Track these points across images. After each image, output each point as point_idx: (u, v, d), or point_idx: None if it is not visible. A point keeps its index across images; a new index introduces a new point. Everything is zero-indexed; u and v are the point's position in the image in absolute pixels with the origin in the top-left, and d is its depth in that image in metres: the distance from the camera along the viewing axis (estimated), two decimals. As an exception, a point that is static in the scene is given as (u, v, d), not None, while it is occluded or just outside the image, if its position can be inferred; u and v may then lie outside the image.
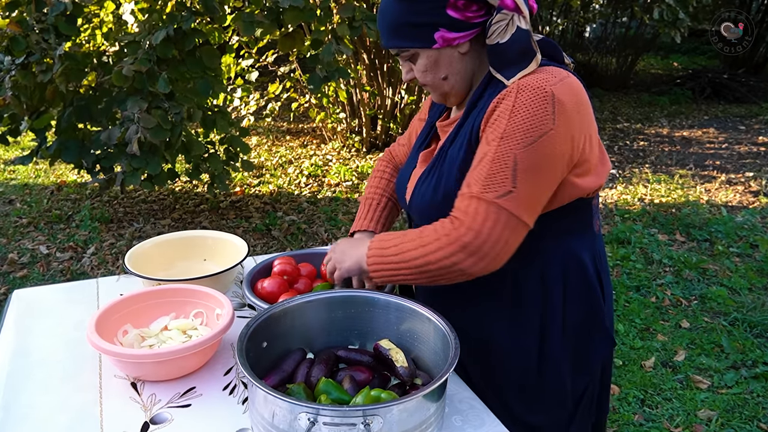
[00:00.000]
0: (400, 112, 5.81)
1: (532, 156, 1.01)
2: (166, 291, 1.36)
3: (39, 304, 1.51)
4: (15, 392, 1.17)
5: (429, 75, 1.14)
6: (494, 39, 1.07)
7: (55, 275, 3.52)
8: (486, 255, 1.03)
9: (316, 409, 0.89)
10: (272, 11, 3.45)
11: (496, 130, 1.04)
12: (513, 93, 1.04)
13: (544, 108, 1.01)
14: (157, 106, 3.45)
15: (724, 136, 6.89)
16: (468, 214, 1.03)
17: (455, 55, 1.11)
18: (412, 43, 1.10)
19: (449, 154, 1.15)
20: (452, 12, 1.06)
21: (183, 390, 1.17)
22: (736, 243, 4.01)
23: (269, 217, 4.34)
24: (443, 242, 1.05)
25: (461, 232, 1.03)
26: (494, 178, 1.02)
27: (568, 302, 1.18)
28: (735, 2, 9.08)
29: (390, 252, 1.11)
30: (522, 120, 1.02)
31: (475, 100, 1.14)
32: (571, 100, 1.04)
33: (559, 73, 1.06)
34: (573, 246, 1.16)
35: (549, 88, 1.02)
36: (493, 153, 1.03)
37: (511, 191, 1.01)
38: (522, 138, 1.01)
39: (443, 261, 1.05)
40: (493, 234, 1.02)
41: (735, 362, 2.75)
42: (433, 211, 1.15)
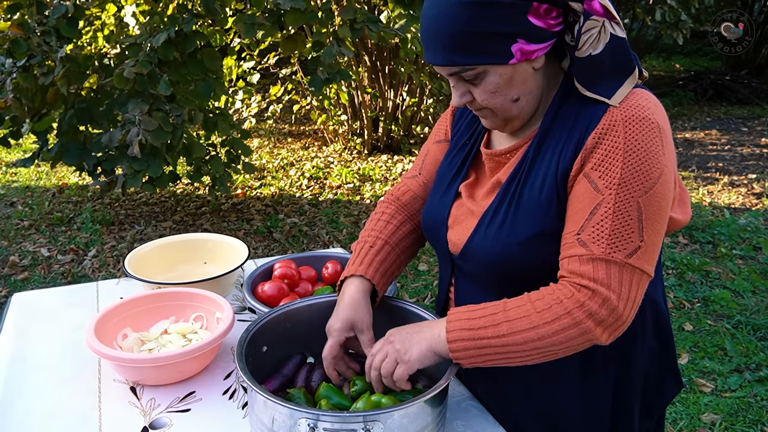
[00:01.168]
0: (402, 114, 5.80)
1: (654, 201, 0.89)
2: (166, 294, 1.36)
3: (39, 307, 1.50)
4: (13, 396, 1.16)
5: (498, 97, 0.94)
6: (586, 50, 0.91)
7: (56, 278, 3.51)
8: (624, 323, 0.89)
9: (317, 415, 0.88)
10: (273, 13, 3.45)
11: (608, 174, 0.89)
12: (619, 126, 0.90)
13: (656, 143, 0.89)
14: (158, 108, 3.44)
15: (726, 137, 6.87)
16: (600, 281, 0.87)
17: (530, 72, 0.94)
18: (483, 59, 0.90)
19: (524, 194, 0.97)
20: (534, 19, 0.88)
21: (182, 394, 1.16)
22: (739, 245, 4.00)
23: (270, 219, 4.33)
24: (577, 317, 0.87)
25: (598, 303, 0.87)
26: (621, 235, 0.88)
27: (645, 348, 1.06)
28: (737, 3, 9.07)
29: (488, 333, 0.90)
30: (639, 161, 0.88)
31: (547, 126, 0.97)
32: (668, 128, 0.93)
33: (650, 97, 0.94)
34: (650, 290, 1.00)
35: (654, 118, 0.90)
36: (612, 204, 0.88)
37: (640, 247, 0.88)
38: (643, 183, 0.88)
39: (576, 339, 0.88)
40: (630, 298, 0.88)
41: (739, 365, 2.73)
42: (503, 261, 0.98)
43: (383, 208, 1.23)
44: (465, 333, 0.92)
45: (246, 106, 5.56)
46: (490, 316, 0.91)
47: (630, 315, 0.89)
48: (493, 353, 0.91)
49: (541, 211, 0.95)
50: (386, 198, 1.26)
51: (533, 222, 0.95)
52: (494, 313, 0.91)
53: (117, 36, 4.22)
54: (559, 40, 0.95)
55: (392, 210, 1.22)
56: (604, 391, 1.05)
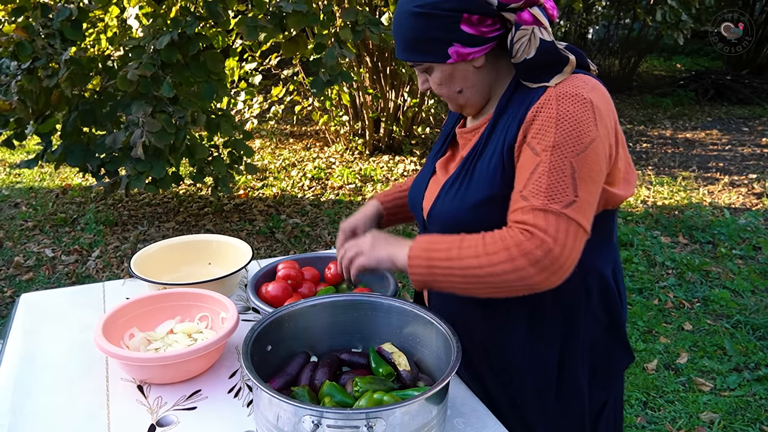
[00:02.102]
0: (403, 114, 5.82)
1: (585, 163, 1.00)
2: (172, 295, 1.38)
3: (46, 307, 1.53)
4: (23, 395, 1.18)
5: (444, 88, 1.13)
6: (520, 57, 1.05)
7: (60, 278, 3.54)
8: (560, 268, 0.98)
9: (320, 412, 0.90)
10: (275, 15, 3.47)
11: (544, 139, 1.01)
12: (552, 101, 1.03)
13: (587, 115, 1.01)
14: (161, 110, 3.47)
15: (727, 137, 6.88)
16: (539, 226, 0.98)
17: (470, 69, 1.10)
18: (425, 58, 1.10)
19: (478, 165, 1.11)
20: (466, 28, 1.05)
21: (189, 393, 1.19)
22: (739, 245, 4.01)
23: (273, 220, 4.35)
24: (514, 254, 0.98)
25: (535, 244, 0.97)
26: (556, 189, 0.99)
27: (589, 318, 1.16)
28: (738, 3, 9.07)
29: (441, 255, 1.04)
30: (570, 128, 1.00)
31: (502, 108, 1.12)
32: (605, 107, 1.04)
33: (589, 80, 1.06)
34: (595, 260, 1.12)
35: (587, 95, 1.02)
36: (548, 163, 1.00)
37: (575, 200, 0.99)
38: (573, 146, 1.00)
39: (511, 275, 0.99)
40: (567, 246, 0.98)
41: (738, 365, 2.75)
42: (457, 223, 1.12)
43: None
44: (422, 252, 1.06)
45: (248, 107, 5.59)
46: (447, 242, 1.06)
47: (567, 262, 0.98)
48: (440, 274, 1.04)
49: (489, 179, 1.09)
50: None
51: (482, 188, 1.09)
52: (451, 240, 1.05)
53: (120, 38, 4.25)
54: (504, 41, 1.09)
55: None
56: (549, 344, 1.16)
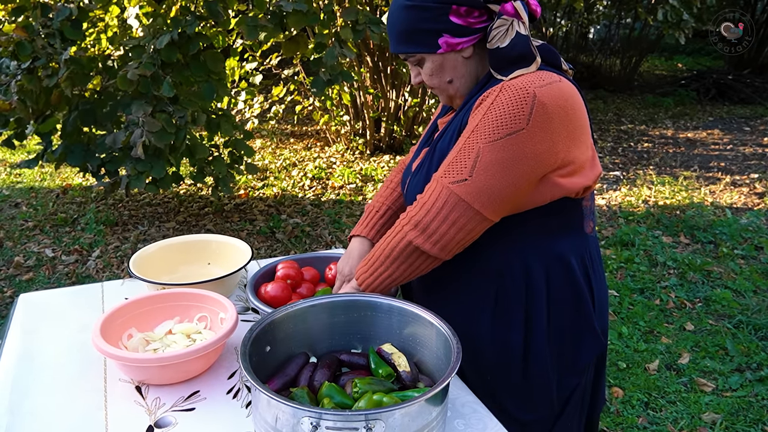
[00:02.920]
0: (404, 114, 5.82)
1: (496, 152, 1.06)
2: (171, 295, 1.37)
3: (45, 307, 1.52)
4: (21, 395, 1.18)
5: (435, 78, 1.19)
6: (495, 43, 1.11)
7: (60, 278, 3.54)
8: (434, 233, 1.10)
9: (319, 414, 0.89)
10: (276, 15, 3.47)
11: (471, 123, 1.10)
12: (497, 91, 1.09)
13: (521, 108, 1.05)
14: (161, 109, 3.46)
15: (728, 137, 6.87)
16: (425, 194, 1.12)
17: (459, 60, 1.16)
18: (417, 49, 1.15)
19: (438, 146, 1.21)
20: (455, 18, 1.11)
21: (187, 394, 1.18)
22: (740, 245, 4.00)
23: (273, 219, 4.35)
24: (402, 222, 1.14)
25: (416, 210, 1.12)
26: (455, 166, 1.09)
27: (553, 303, 1.20)
28: (739, 3, 9.05)
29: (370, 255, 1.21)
30: (495, 116, 1.07)
31: (471, 96, 1.18)
32: (555, 103, 1.07)
33: (549, 78, 1.09)
34: (558, 247, 1.18)
35: (532, 90, 1.06)
36: (462, 143, 1.10)
37: (466, 180, 1.07)
38: (489, 133, 1.07)
39: (402, 241, 1.14)
40: (441, 214, 1.09)
41: (740, 365, 2.74)
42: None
43: (392, 176, 1.50)
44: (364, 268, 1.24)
45: (248, 107, 5.58)
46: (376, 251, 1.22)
47: (445, 232, 1.09)
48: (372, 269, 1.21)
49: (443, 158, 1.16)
50: (397, 166, 1.53)
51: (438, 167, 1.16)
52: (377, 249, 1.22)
53: (120, 38, 4.24)
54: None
55: (399, 179, 1.47)
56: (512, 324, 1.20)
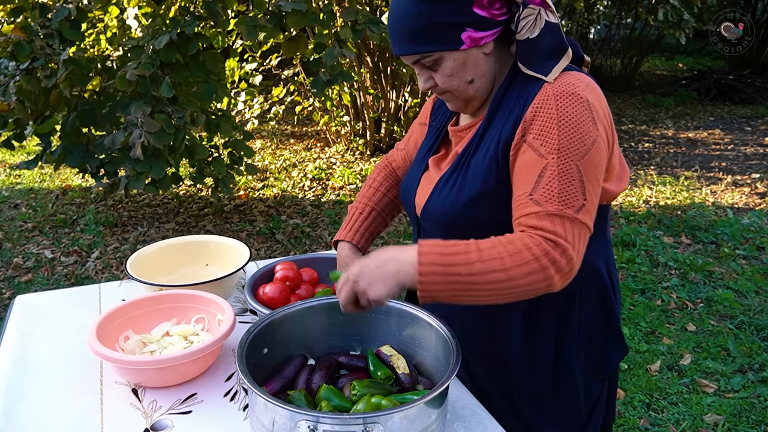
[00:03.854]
0: (404, 114, 5.81)
1: (590, 164, 1.01)
2: (168, 296, 1.36)
3: (41, 309, 1.51)
4: (16, 398, 1.17)
5: (455, 79, 1.08)
6: (524, 34, 1.05)
7: (59, 279, 3.52)
8: (573, 270, 0.98)
9: (316, 417, 0.88)
10: (275, 15, 3.46)
11: (548, 142, 1.01)
12: (551, 101, 1.02)
13: (586, 115, 1.01)
14: (160, 110, 3.45)
15: (729, 137, 6.85)
16: (559, 234, 0.97)
17: (481, 57, 1.08)
18: (437, 46, 1.04)
19: (472, 162, 1.10)
20: (479, 10, 1.03)
21: (184, 396, 1.17)
22: (742, 245, 3.99)
23: (273, 220, 4.34)
24: (544, 263, 0.95)
25: (560, 252, 0.96)
26: (567, 193, 0.99)
27: (584, 310, 1.16)
28: (740, 3, 9.04)
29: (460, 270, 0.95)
30: (572, 129, 1.00)
31: (497, 104, 1.10)
32: (600, 105, 1.05)
33: (583, 77, 1.06)
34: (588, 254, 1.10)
35: (583, 95, 1.02)
36: (556, 167, 0.99)
37: (584, 204, 1.00)
38: (578, 148, 1.00)
39: (541, 283, 0.96)
40: (579, 250, 0.99)
41: (742, 366, 2.73)
42: (453, 220, 1.11)
43: (375, 174, 1.44)
44: (438, 268, 0.96)
45: (248, 107, 5.57)
46: (463, 254, 0.97)
47: (578, 264, 0.99)
48: (461, 289, 0.96)
49: (483, 175, 1.08)
50: (380, 162, 1.46)
51: (476, 184, 1.08)
52: (468, 252, 0.97)
53: (119, 38, 4.23)
54: (507, 28, 1.08)
55: (382, 177, 1.43)
56: (544, 336, 1.15)
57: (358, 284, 1.01)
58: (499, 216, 1.06)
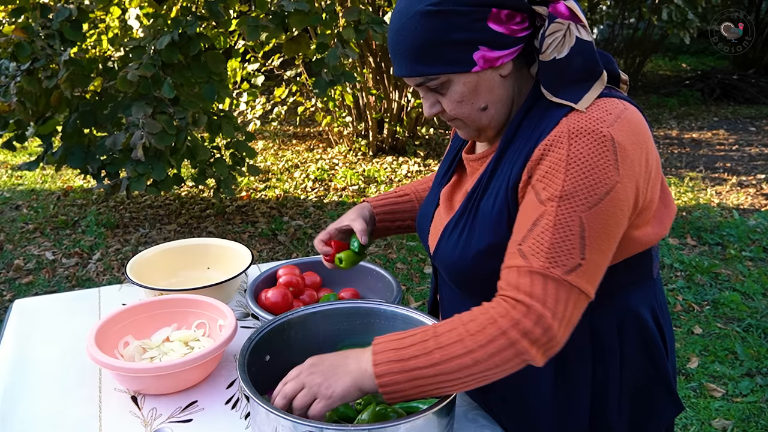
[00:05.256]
0: (407, 115, 5.78)
1: (599, 217, 0.85)
2: (168, 301, 1.34)
3: (40, 313, 1.49)
4: (12, 404, 1.14)
5: (465, 106, 0.93)
6: (550, 54, 0.89)
7: (60, 281, 3.51)
8: (557, 343, 0.85)
9: (320, 428, 0.85)
10: (277, 15, 3.44)
11: (551, 187, 0.86)
12: (564, 139, 0.87)
13: (605, 157, 0.85)
14: (162, 111, 3.43)
15: (734, 137, 6.81)
16: (536, 296, 0.84)
17: (496, 79, 0.92)
18: (444, 68, 0.89)
19: (481, 206, 0.97)
20: (494, 25, 0.87)
21: (184, 404, 1.14)
22: (748, 247, 3.95)
23: (275, 221, 4.32)
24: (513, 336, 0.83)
25: (533, 321, 0.83)
26: (559, 249, 0.84)
27: (626, 363, 1.01)
28: (744, 2, 9.00)
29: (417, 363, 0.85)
30: (582, 174, 0.85)
31: (511, 135, 0.95)
32: (631, 141, 0.87)
33: (614, 107, 0.89)
34: (630, 300, 0.99)
35: (606, 131, 0.86)
36: (553, 217, 0.85)
37: (580, 264, 0.84)
38: (586, 197, 0.84)
39: (513, 360, 0.84)
40: (564, 318, 0.84)
41: (750, 369, 2.70)
42: (460, 272, 1.00)
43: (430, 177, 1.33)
44: (395, 365, 0.86)
45: (250, 108, 5.55)
46: (420, 344, 0.86)
47: (563, 336, 0.85)
48: (426, 384, 0.86)
49: (494, 224, 0.94)
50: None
51: (486, 235, 0.95)
52: (424, 340, 0.87)
53: (121, 39, 4.22)
54: (528, 45, 0.92)
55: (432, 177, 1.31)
56: (580, 395, 1.01)
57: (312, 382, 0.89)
58: None
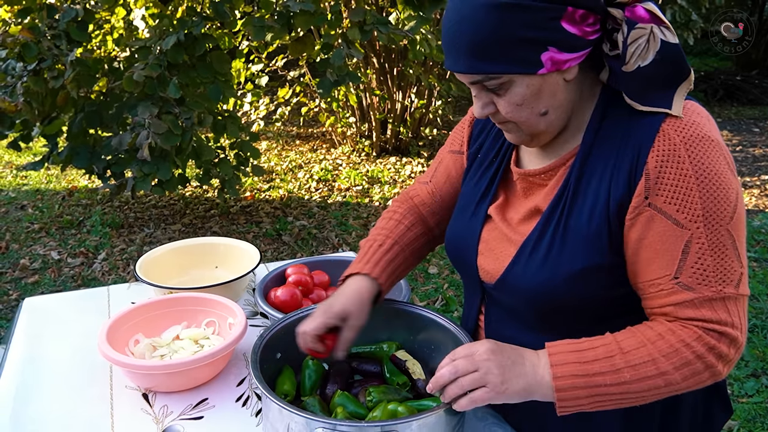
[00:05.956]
0: (410, 116, 5.79)
1: (740, 223, 0.84)
2: (178, 300, 1.34)
3: (50, 312, 1.49)
4: (24, 402, 1.15)
5: (524, 110, 0.86)
6: (634, 63, 0.84)
7: (66, 281, 3.51)
8: (740, 353, 0.85)
9: (333, 425, 0.86)
10: (282, 16, 3.44)
11: (688, 207, 0.82)
12: (681, 150, 0.82)
13: (723, 162, 0.84)
14: (167, 111, 3.44)
15: (738, 138, 6.80)
16: (724, 321, 0.82)
17: (560, 83, 0.86)
18: (509, 68, 0.82)
19: (570, 223, 0.89)
20: (568, 25, 0.81)
21: (195, 401, 1.15)
22: (753, 247, 3.95)
23: (280, 222, 4.32)
24: (711, 361, 0.82)
25: (727, 345, 0.82)
26: (724, 269, 0.82)
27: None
28: (747, 3, 8.99)
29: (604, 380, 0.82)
30: (715, 186, 0.82)
31: (589, 146, 0.89)
32: (721, 141, 0.87)
33: (701, 109, 0.88)
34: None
35: (713, 136, 0.84)
36: (705, 239, 0.82)
37: (742, 273, 0.84)
38: (725, 209, 0.82)
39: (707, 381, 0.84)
40: (745, 325, 0.85)
41: (755, 370, 2.69)
42: (545, 296, 0.91)
43: (395, 207, 1.17)
44: (578, 380, 0.82)
45: (254, 108, 5.56)
46: (605, 359, 0.82)
47: (744, 343, 0.86)
48: (608, 400, 0.83)
49: (590, 244, 0.87)
50: (399, 197, 1.20)
51: (581, 255, 0.88)
52: (610, 356, 0.83)
53: (126, 39, 4.23)
54: (596, 49, 0.87)
55: (404, 209, 1.16)
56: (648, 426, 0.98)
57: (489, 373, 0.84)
58: (609, 292, 0.89)
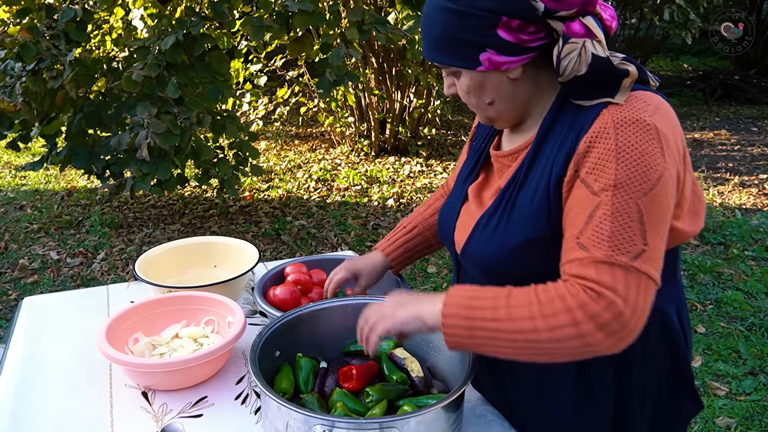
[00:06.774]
0: (409, 115, 5.79)
1: (655, 203, 0.86)
2: (177, 298, 1.35)
3: (49, 311, 1.50)
4: (24, 401, 1.15)
5: (472, 97, 0.99)
6: (569, 74, 0.91)
7: (65, 281, 3.52)
8: (630, 331, 0.84)
9: (332, 421, 0.86)
10: (281, 15, 3.44)
11: (603, 177, 0.87)
12: (610, 130, 0.88)
13: (653, 144, 0.87)
14: (166, 111, 3.44)
15: (736, 137, 6.82)
16: (605, 283, 0.83)
17: (504, 80, 0.96)
18: (453, 61, 0.96)
19: (519, 199, 0.97)
20: (504, 33, 0.90)
21: (195, 399, 1.16)
22: (751, 246, 3.96)
23: (278, 221, 4.33)
24: (578, 317, 0.83)
25: (602, 306, 0.82)
26: (621, 237, 0.84)
27: (648, 361, 1.02)
28: (745, 3, 9.00)
29: (484, 314, 0.87)
30: (634, 162, 0.86)
31: (545, 131, 0.97)
32: (671, 131, 0.91)
33: (651, 99, 0.92)
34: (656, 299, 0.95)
35: (649, 120, 0.88)
36: (610, 206, 0.86)
37: (644, 250, 0.84)
38: (640, 184, 0.86)
39: (574, 341, 0.84)
40: (638, 305, 0.84)
41: (753, 368, 2.70)
42: (495, 265, 1.00)
43: (433, 199, 1.38)
44: (462, 310, 0.89)
45: (253, 108, 5.56)
46: (491, 299, 0.89)
47: (638, 324, 0.84)
48: (483, 336, 0.88)
49: (532, 218, 0.94)
50: (439, 190, 1.40)
51: (524, 229, 0.95)
52: (496, 296, 0.89)
53: (125, 39, 4.23)
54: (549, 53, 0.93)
55: (438, 195, 1.37)
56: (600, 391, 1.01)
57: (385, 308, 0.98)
58: (554, 264, 0.92)
